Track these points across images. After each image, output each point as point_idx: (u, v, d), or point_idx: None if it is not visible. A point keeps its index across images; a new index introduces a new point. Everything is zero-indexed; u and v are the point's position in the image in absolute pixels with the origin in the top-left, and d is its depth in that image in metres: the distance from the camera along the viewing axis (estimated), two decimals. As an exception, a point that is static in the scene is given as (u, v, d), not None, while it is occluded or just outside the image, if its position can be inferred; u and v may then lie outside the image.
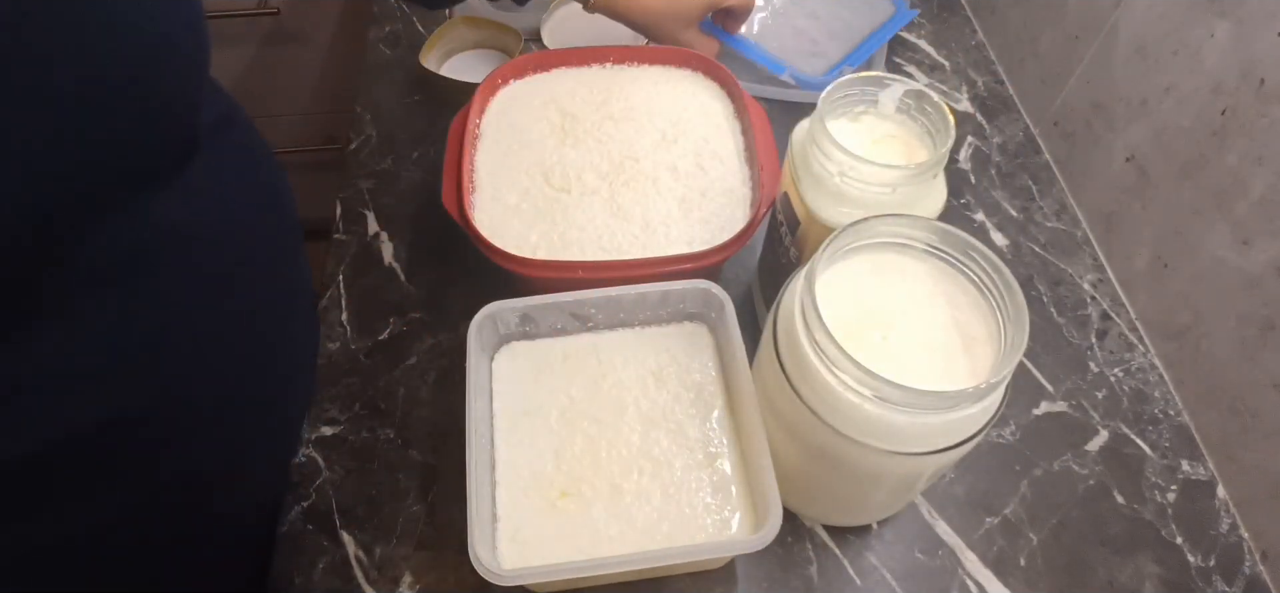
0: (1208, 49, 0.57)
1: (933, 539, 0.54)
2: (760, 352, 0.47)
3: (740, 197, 0.60)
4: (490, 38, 0.84)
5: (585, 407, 0.50)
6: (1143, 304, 0.66)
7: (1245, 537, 0.56)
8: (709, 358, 0.53)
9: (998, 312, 0.41)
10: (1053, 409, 0.61)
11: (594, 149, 0.62)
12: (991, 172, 0.77)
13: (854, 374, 0.38)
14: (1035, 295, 0.68)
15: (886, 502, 0.51)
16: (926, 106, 0.48)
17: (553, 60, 0.68)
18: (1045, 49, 0.78)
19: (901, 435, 0.39)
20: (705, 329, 0.54)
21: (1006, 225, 0.73)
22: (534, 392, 0.51)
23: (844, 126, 0.50)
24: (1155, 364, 0.64)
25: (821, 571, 0.53)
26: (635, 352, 0.53)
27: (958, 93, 0.84)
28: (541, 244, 0.56)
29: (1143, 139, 0.65)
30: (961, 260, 0.43)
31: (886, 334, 0.42)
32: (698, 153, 0.62)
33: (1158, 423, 0.61)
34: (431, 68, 0.78)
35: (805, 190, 0.48)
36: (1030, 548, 0.54)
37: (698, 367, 0.52)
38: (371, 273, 0.67)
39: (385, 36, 0.87)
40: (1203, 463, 0.59)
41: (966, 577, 0.53)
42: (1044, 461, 0.58)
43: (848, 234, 0.42)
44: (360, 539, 0.53)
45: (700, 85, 0.68)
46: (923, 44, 0.89)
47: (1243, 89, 0.54)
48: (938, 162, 0.45)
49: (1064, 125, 0.76)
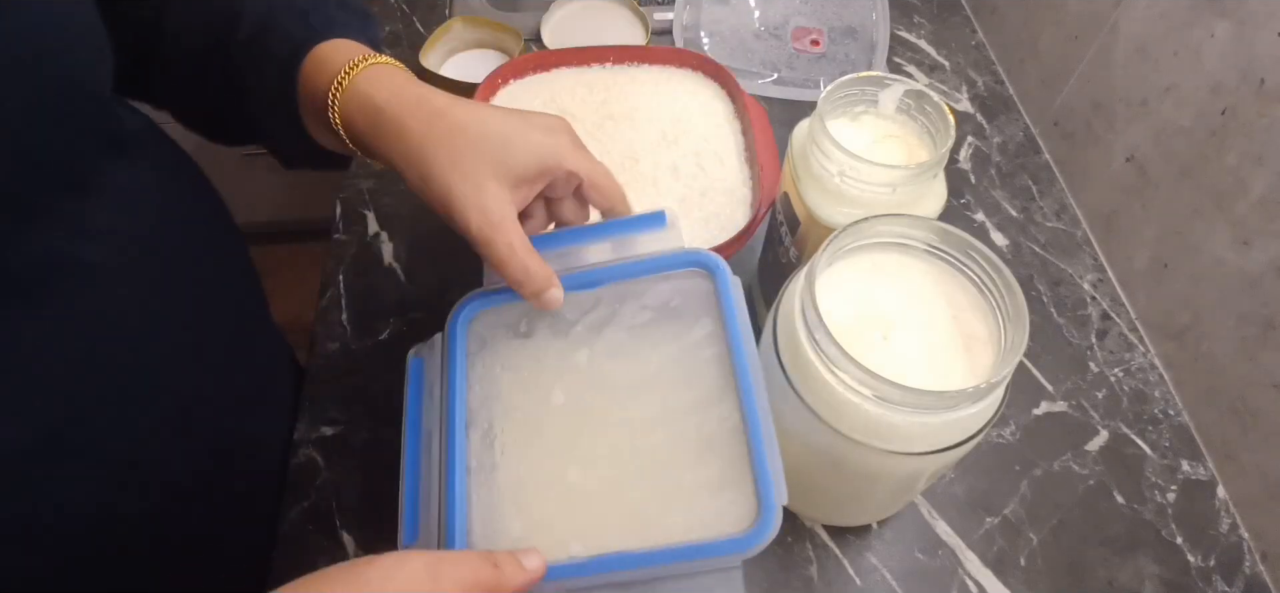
0: (1208, 49, 0.57)
1: (933, 539, 0.54)
2: (760, 352, 0.47)
3: (740, 197, 0.60)
4: (490, 38, 0.84)
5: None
6: (1143, 304, 0.66)
7: (1245, 537, 0.56)
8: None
9: (998, 312, 0.41)
10: (1053, 409, 0.61)
11: (594, 149, 0.62)
12: (991, 172, 0.77)
13: (854, 374, 0.38)
14: (1035, 295, 0.68)
15: (886, 502, 0.51)
16: (926, 106, 0.48)
17: (553, 60, 0.68)
18: (1045, 49, 0.78)
19: (901, 435, 0.39)
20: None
21: (1006, 225, 0.73)
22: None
23: (844, 126, 0.50)
24: (1155, 364, 0.64)
25: (821, 571, 0.53)
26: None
27: (958, 93, 0.84)
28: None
29: (1143, 139, 0.65)
30: (961, 260, 0.43)
31: (886, 334, 0.42)
32: (698, 153, 0.62)
33: (1158, 423, 0.61)
34: (431, 68, 0.78)
35: (805, 190, 0.48)
36: (1030, 548, 0.54)
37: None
38: (371, 273, 0.67)
39: (385, 36, 0.87)
40: (1203, 463, 0.59)
41: (966, 577, 0.53)
42: (1044, 461, 0.58)
43: (848, 234, 0.42)
44: (360, 539, 0.53)
45: (700, 85, 0.68)
46: (923, 44, 0.89)
47: (1243, 89, 0.54)
48: (938, 162, 0.45)
49: (1064, 125, 0.76)
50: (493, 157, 0.38)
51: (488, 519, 0.41)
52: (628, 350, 0.46)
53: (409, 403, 0.43)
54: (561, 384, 0.45)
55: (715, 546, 0.39)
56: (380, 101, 0.39)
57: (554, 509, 0.42)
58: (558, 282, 0.42)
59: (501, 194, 0.39)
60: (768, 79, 0.82)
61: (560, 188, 0.43)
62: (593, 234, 0.47)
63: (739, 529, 0.39)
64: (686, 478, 0.42)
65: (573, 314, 0.46)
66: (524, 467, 0.43)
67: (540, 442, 0.44)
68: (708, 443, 0.42)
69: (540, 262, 0.40)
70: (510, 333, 0.46)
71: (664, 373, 0.45)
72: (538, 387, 0.45)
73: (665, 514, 0.41)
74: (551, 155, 0.40)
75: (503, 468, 0.43)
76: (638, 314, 0.46)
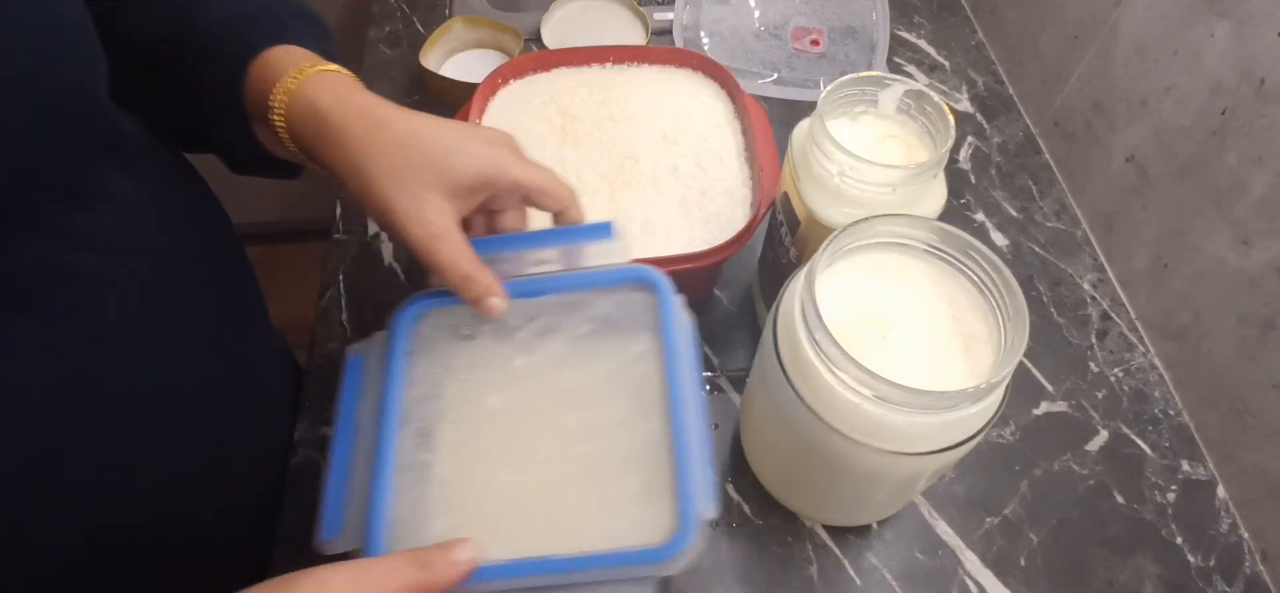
0: (1208, 49, 0.57)
1: (933, 539, 0.54)
2: (760, 352, 0.47)
3: (740, 197, 0.60)
4: (490, 38, 0.84)
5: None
6: (1143, 304, 0.66)
7: (1245, 537, 0.56)
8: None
9: (998, 312, 0.41)
10: (1053, 409, 0.61)
11: (594, 149, 0.62)
12: (991, 172, 0.77)
13: (854, 374, 0.38)
14: (1035, 295, 0.68)
15: (886, 502, 0.51)
16: (926, 106, 0.48)
17: (553, 60, 0.68)
18: (1045, 49, 0.78)
19: (901, 436, 0.39)
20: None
21: (1006, 225, 0.73)
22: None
23: (844, 126, 0.50)
24: (1155, 364, 0.64)
25: (821, 571, 0.53)
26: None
27: (958, 93, 0.84)
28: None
29: (1143, 139, 0.65)
30: (961, 260, 0.43)
31: (886, 334, 0.42)
32: (698, 153, 0.62)
33: (1158, 423, 0.61)
34: (431, 68, 0.78)
35: (805, 190, 0.48)
36: (1030, 548, 0.54)
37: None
38: (371, 273, 0.67)
39: (385, 36, 0.87)
40: (1203, 463, 0.59)
41: (966, 577, 0.53)
42: (1044, 461, 0.58)
43: (848, 234, 0.42)
44: (360, 539, 0.53)
45: (700, 85, 0.67)
46: (923, 44, 0.89)
47: (1243, 89, 0.54)
48: (938, 162, 0.45)
49: (1064, 125, 0.76)
50: (434, 168, 0.38)
51: (412, 518, 0.41)
52: (567, 360, 0.46)
53: (343, 399, 0.43)
54: (499, 389, 0.45)
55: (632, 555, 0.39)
56: (323, 109, 0.39)
57: (480, 511, 0.41)
58: (500, 290, 0.42)
59: (442, 205, 0.39)
60: (768, 79, 0.82)
61: (503, 199, 0.43)
62: (540, 240, 0.47)
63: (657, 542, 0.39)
64: (612, 489, 0.42)
65: (516, 321, 0.46)
66: (454, 468, 0.42)
67: (473, 444, 0.43)
68: (636, 456, 0.42)
69: (482, 270, 0.41)
70: (453, 335, 0.46)
71: (600, 384, 0.45)
72: (476, 390, 0.45)
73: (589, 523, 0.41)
74: (492, 167, 0.40)
75: (433, 467, 0.42)
76: (580, 325, 0.46)
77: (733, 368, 0.62)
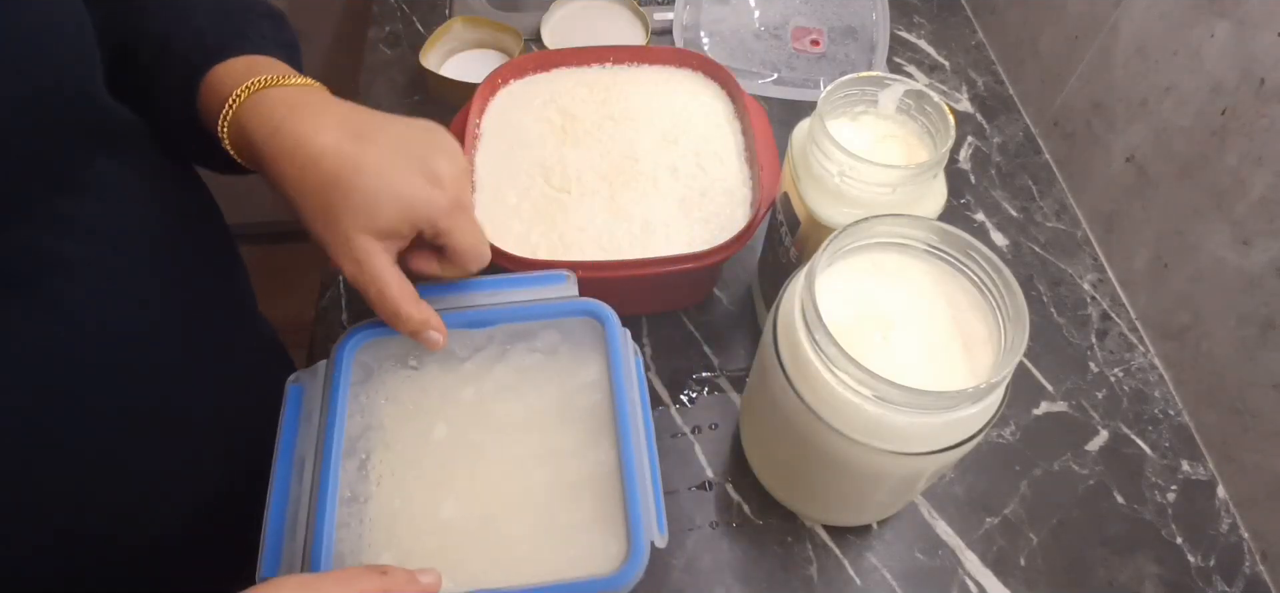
0: (1208, 49, 0.57)
1: (933, 539, 0.54)
2: (760, 352, 0.47)
3: (740, 197, 0.60)
4: (490, 38, 0.84)
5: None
6: (1143, 304, 0.66)
7: (1245, 537, 0.56)
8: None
9: (998, 312, 0.41)
10: (1053, 409, 0.61)
11: (594, 149, 0.62)
12: (991, 172, 0.77)
13: (854, 374, 0.38)
14: (1035, 295, 0.68)
15: (886, 502, 0.51)
16: (926, 106, 0.48)
17: (553, 60, 0.68)
18: (1045, 49, 0.78)
19: (901, 436, 0.39)
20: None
21: (1006, 225, 0.73)
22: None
23: (844, 126, 0.50)
24: (1155, 364, 0.64)
25: (821, 571, 0.53)
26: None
27: (958, 93, 0.84)
28: (542, 244, 0.56)
29: (1143, 139, 0.65)
30: (961, 260, 0.43)
31: (886, 334, 0.42)
32: (698, 153, 0.62)
33: (1158, 423, 0.61)
34: (431, 68, 0.78)
35: (805, 190, 0.48)
36: (1030, 548, 0.54)
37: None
38: (371, 273, 0.67)
39: (385, 36, 0.87)
40: (1203, 463, 0.59)
41: (966, 577, 0.53)
42: (1044, 461, 0.58)
43: (848, 234, 0.42)
44: (360, 539, 0.53)
45: (700, 85, 0.68)
46: (923, 44, 0.89)
47: (1243, 89, 0.54)
48: (938, 162, 0.45)
49: (1064, 125, 0.76)
50: (360, 209, 0.38)
51: (356, 552, 0.40)
52: (514, 390, 0.46)
53: (284, 430, 0.43)
54: (445, 419, 0.45)
55: (582, 585, 0.39)
56: (257, 142, 0.39)
57: (425, 543, 0.41)
58: (436, 323, 0.42)
59: (370, 245, 0.39)
60: (768, 79, 0.82)
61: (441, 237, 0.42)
62: (491, 286, 0.47)
63: (608, 570, 0.39)
64: (562, 517, 0.42)
65: (463, 351, 0.46)
66: (398, 499, 0.42)
67: (417, 475, 0.43)
68: (585, 484, 0.42)
69: (416, 306, 0.41)
70: (398, 365, 0.46)
71: (548, 414, 0.45)
72: (420, 420, 0.45)
73: (537, 552, 0.41)
74: (422, 211, 0.40)
75: (376, 499, 0.42)
76: (527, 356, 0.46)
77: (733, 368, 0.62)
